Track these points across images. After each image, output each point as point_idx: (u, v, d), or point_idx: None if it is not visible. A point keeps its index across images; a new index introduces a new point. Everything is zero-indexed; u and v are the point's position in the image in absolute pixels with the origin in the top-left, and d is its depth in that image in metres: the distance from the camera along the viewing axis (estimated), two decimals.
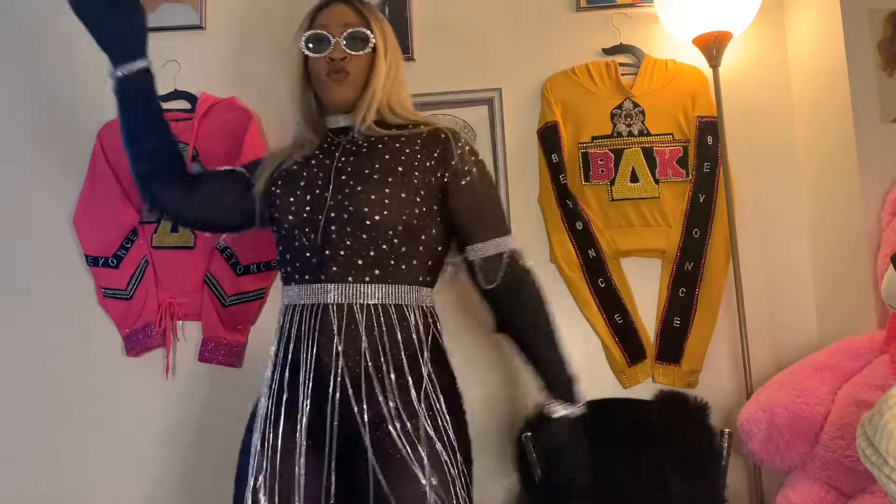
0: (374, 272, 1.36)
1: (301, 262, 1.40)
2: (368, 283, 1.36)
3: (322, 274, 1.36)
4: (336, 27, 1.45)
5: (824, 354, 1.73)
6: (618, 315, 1.98)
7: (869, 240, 1.76)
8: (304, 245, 1.40)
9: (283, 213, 1.42)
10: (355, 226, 1.36)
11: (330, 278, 1.36)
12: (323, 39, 1.45)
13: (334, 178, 1.41)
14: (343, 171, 1.42)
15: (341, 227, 1.37)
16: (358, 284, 1.35)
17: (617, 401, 1.95)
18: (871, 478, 1.48)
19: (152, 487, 1.98)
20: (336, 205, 1.38)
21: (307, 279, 1.38)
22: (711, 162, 1.97)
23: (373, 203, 1.36)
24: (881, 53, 1.80)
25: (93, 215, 2.00)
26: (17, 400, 2.00)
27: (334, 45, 1.44)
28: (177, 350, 2.02)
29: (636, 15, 2.07)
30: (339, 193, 1.39)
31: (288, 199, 1.42)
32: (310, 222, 1.40)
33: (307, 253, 1.39)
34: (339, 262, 1.36)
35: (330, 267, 1.36)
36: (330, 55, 1.44)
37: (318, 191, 1.41)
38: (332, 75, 1.45)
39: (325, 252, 1.37)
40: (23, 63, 2.09)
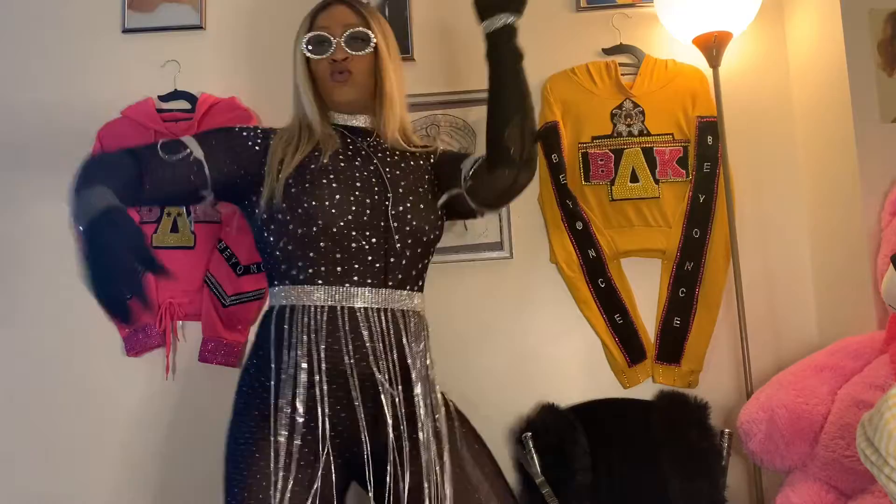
0: (419, 282, 1.46)
1: (359, 265, 1.38)
2: (415, 290, 1.44)
3: (389, 280, 1.39)
4: (336, 28, 1.45)
5: (824, 354, 1.73)
6: (618, 315, 1.98)
7: (869, 240, 1.76)
8: (364, 248, 1.39)
9: (340, 211, 1.37)
10: (414, 240, 1.42)
11: (395, 285, 1.40)
12: (323, 41, 1.45)
13: (392, 188, 1.43)
14: (397, 182, 1.44)
15: (404, 237, 1.41)
16: (412, 293, 1.43)
17: (617, 401, 1.95)
18: (871, 478, 1.48)
19: (152, 486, 1.97)
20: (398, 216, 1.41)
21: (368, 283, 1.38)
22: (711, 162, 1.97)
23: (430, 222, 1.44)
24: (881, 53, 1.80)
25: None
26: (16, 400, 2.00)
27: (335, 46, 1.44)
28: (177, 350, 2.02)
29: (636, 15, 2.07)
30: (401, 205, 1.42)
31: (345, 198, 1.38)
32: (369, 226, 1.39)
33: (368, 256, 1.39)
34: (402, 269, 1.41)
35: (395, 273, 1.40)
36: (332, 56, 1.44)
37: (377, 197, 1.41)
38: (334, 76, 1.45)
39: (390, 259, 1.40)
40: (23, 63, 2.09)
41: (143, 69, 2.07)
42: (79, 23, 2.10)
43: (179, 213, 2.01)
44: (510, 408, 1.94)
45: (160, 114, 2.02)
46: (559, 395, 1.93)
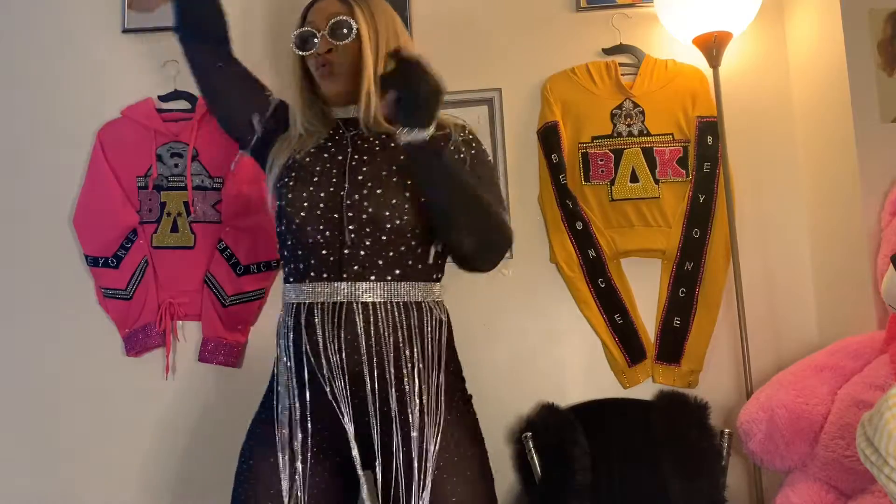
0: (395, 271, 1.37)
1: (317, 260, 1.37)
2: (390, 281, 1.36)
3: (343, 272, 1.35)
4: (321, 21, 1.43)
5: (824, 354, 1.73)
6: (618, 315, 1.98)
7: (869, 240, 1.76)
8: (320, 242, 1.37)
9: (295, 208, 1.39)
10: (374, 227, 1.36)
11: (352, 277, 1.35)
12: (309, 37, 1.43)
13: (349, 176, 1.39)
14: (358, 169, 1.40)
15: (360, 227, 1.36)
16: (381, 283, 1.35)
17: (617, 401, 1.95)
18: (871, 478, 1.48)
19: (152, 487, 1.97)
20: (354, 205, 1.36)
21: (325, 277, 1.36)
22: (711, 162, 1.97)
23: (392, 207, 1.36)
24: (881, 53, 1.80)
25: (93, 215, 2.00)
26: (17, 400, 2.00)
27: (320, 40, 1.42)
28: (177, 350, 2.02)
29: (636, 15, 2.07)
30: (357, 193, 1.37)
31: (300, 194, 1.39)
32: (324, 220, 1.37)
33: (324, 251, 1.37)
34: (360, 261, 1.35)
35: (351, 265, 1.36)
36: (317, 51, 1.43)
37: (333, 188, 1.39)
38: (318, 70, 1.44)
39: (344, 251, 1.36)
40: (22, 62, 2.09)
41: (143, 69, 2.07)
42: (79, 23, 2.10)
43: (179, 213, 2.01)
44: (510, 408, 1.94)
45: (160, 114, 2.02)
46: (559, 395, 1.93)
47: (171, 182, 2.01)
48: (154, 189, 2.01)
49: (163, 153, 2.02)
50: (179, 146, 2.01)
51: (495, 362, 2.00)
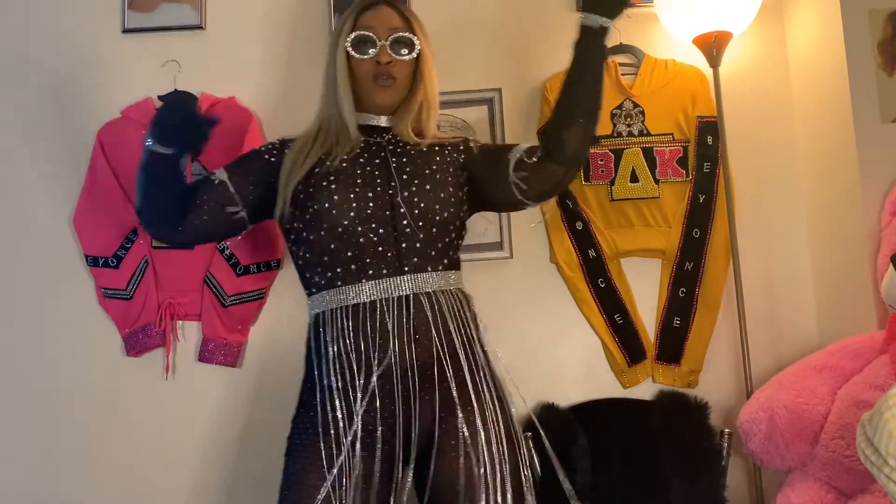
0: (444, 261, 1.44)
1: (372, 258, 1.39)
2: (441, 270, 1.43)
3: (405, 266, 1.40)
4: (382, 30, 1.46)
5: (824, 354, 1.73)
6: (618, 315, 1.98)
7: (869, 240, 1.76)
8: (373, 240, 1.40)
9: (340, 210, 1.39)
10: (425, 221, 1.42)
11: (413, 269, 1.40)
12: (368, 41, 1.46)
13: (397, 175, 1.44)
14: (402, 170, 1.45)
15: (414, 220, 1.41)
16: (436, 273, 1.42)
17: (617, 401, 1.95)
18: (871, 478, 1.48)
19: (152, 487, 1.97)
20: (405, 200, 1.42)
21: (385, 273, 1.39)
22: (711, 162, 1.97)
23: (441, 200, 1.44)
24: (881, 53, 1.80)
25: (93, 215, 2.00)
26: (17, 400, 2.00)
27: (380, 49, 1.45)
28: (177, 350, 2.02)
29: (636, 15, 2.06)
30: (406, 190, 1.43)
31: (346, 196, 1.41)
32: (375, 218, 1.41)
33: (379, 248, 1.40)
34: (418, 252, 1.41)
35: (411, 258, 1.41)
36: (376, 58, 1.45)
37: (380, 188, 1.43)
38: (378, 80, 1.46)
39: (401, 245, 1.41)
40: (22, 63, 2.09)
41: (143, 69, 2.07)
42: (79, 23, 2.10)
43: None
44: None
45: None
46: (559, 395, 1.93)
47: None
48: None
49: None
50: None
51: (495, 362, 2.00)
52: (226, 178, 1.49)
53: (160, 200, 1.46)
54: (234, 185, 1.48)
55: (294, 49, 2.06)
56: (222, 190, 1.48)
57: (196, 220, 1.47)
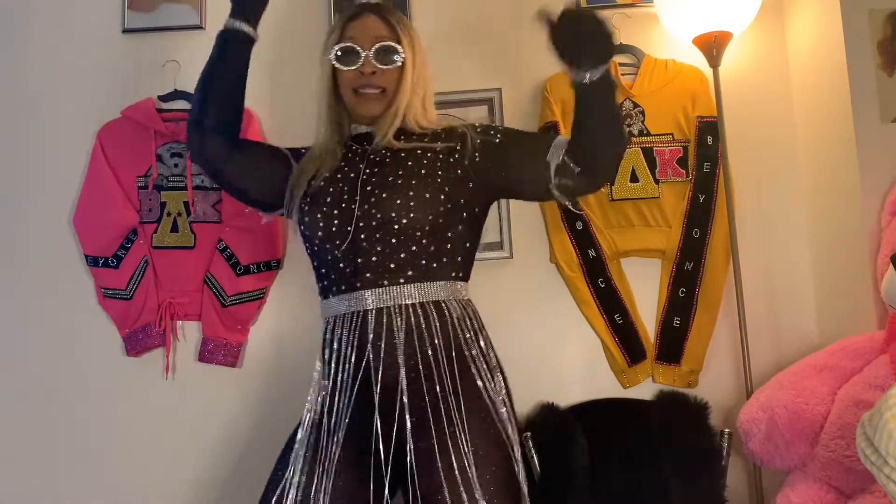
0: (408, 273, 1.39)
1: (336, 274, 1.42)
2: (403, 283, 1.39)
3: (358, 281, 1.39)
4: (366, 40, 1.46)
5: (824, 354, 1.73)
6: (618, 315, 1.98)
7: (869, 240, 1.76)
8: (337, 256, 1.42)
9: (313, 230, 1.44)
10: (384, 231, 1.39)
11: (365, 284, 1.39)
12: (352, 52, 1.46)
13: (361, 189, 1.43)
14: (368, 182, 1.44)
15: (371, 233, 1.40)
16: (393, 286, 1.38)
17: (617, 401, 1.95)
18: (871, 478, 1.48)
19: (152, 487, 1.97)
20: (364, 214, 1.41)
21: (344, 289, 1.41)
22: (711, 162, 1.97)
23: (398, 207, 1.39)
24: (881, 53, 1.80)
25: (93, 215, 2.00)
26: (17, 400, 2.00)
27: (364, 60, 1.45)
28: (177, 350, 2.02)
29: (636, 15, 2.07)
30: (366, 203, 1.41)
31: (315, 216, 1.44)
32: (339, 234, 1.41)
33: (341, 264, 1.41)
34: (372, 267, 1.39)
35: (364, 274, 1.39)
36: (360, 69, 1.45)
37: (345, 204, 1.43)
38: (361, 91, 1.46)
39: (357, 260, 1.40)
40: (23, 63, 2.09)
41: (143, 69, 2.07)
42: (79, 23, 2.10)
43: (179, 213, 2.01)
44: None
45: (160, 114, 2.02)
46: (559, 395, 1.93)
47: (171, 182, 2.01)
48: (154, 189, 2.01)
49: (163, 153, 2.02)
50: (179, 146, 2.01)
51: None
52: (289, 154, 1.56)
53: (230, 98, 1.53)
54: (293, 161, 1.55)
55: (294, 49, 2.06)
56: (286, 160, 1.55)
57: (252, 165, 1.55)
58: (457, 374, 1.37)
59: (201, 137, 1.52)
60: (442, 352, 1.37)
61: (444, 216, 1.42)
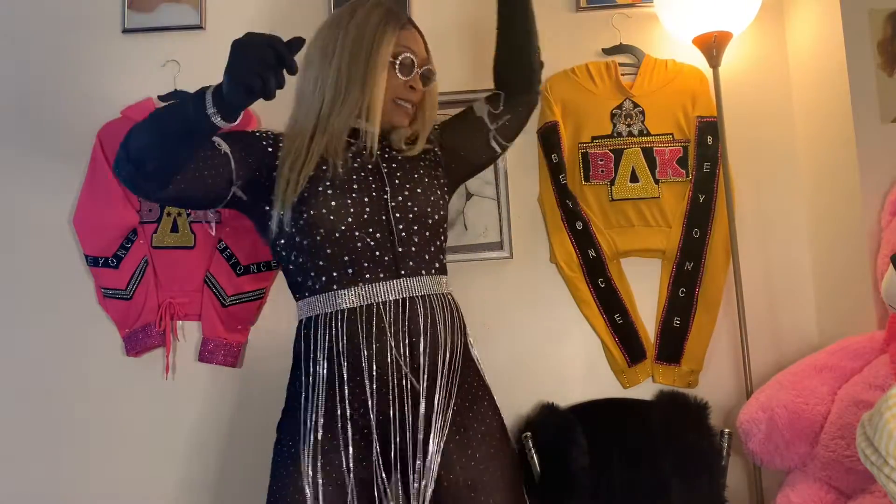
0: (436, 265, 1.47)
1: (369, 262, 1.39)
2: (434, 274, 1.45)
3: (402, 269, 1.41)
4: (419, 57, 1.50)
5: (824, 354, 1.73)
6: (618, 315, 1.98)
7: (869, 240, 1.76)
8: (370, 245, 1.40)
9: (338, 216, 1.38)
10: (420, 225, 1.44)
11: (409, 273, 1.41)
12: (410, 66, 1.48)
13: (389, 180, 1.46)
14: (394, 175, 1.47)
15: (408, 225, 1.43)
16: (430, 277, 1.44)
17: (617, 401, 1.95)
18: (871, 478, 1.48)
19: (152, 487, 1.97)
20: (399, 206, 1.44)
21: (382, 277, 1.39)
22: (711, 162, 1.97)
23: (432, 203, 1.47)
24: (881, 53, 1.80)
25: (93, 215, 2.00)
26: (17, 400, 2.00)
27: (414, 75, 1.48)
28: (177, 350, 2.02)
29: (636, 15, 2.07)
30: (399, 195, 1.44)
31: (343, 202, 1.40)
32: (372, 223, 1.41)
33: (377, 252, 1.40)
34: (413, 256, 1.43)
35: (406, 262, 1.42)
36: (411, 83, 1.48)
37: (375, 193, 1.44)
38: (403, 103, 1.49)
39: (397, 249, 1.42)
40: (22, 62, 2.09)
41: (143, 69, 2.07)
42: (79, 23, 2.10)
43: (179, 213, 2.01)
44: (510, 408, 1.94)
45: None
46: (559, 395, 1.93)
47: None
48: None
49: None
50: None
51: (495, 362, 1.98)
52: (228, 150, 1.37)
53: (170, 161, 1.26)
54: (235, 162, 1.37)
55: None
56: (224, 161, 1.36)
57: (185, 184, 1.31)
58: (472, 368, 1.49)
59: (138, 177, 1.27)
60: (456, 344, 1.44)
61: (447, 215, 1.53)
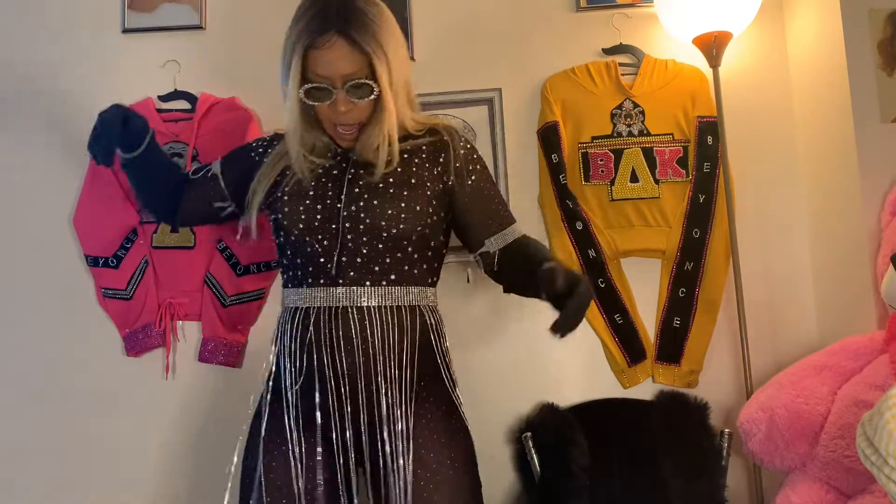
0: (391, 276, 1.41)
1: (314, 267, 1.42)
2: (385, 286, 1.40)
3: (340, 278, 1.40)
4: (336, 79, 1.34)
5: (824, 354, 1.73)
6: (618, 315, 1.98)
7: (869, 240, 1.76)
8: (318, 251, 1.41)
9: (293, 221, 1.43)
10: (371, 236, 1.40)
11: (349, 283, 1.39)
12: (323, 90, 1.36)
13: (347, 189, 1.42)
14: (355, 182, 1.43)
15: (357, 236, 1.40)
16: (375, 288, 1.40)
17: (617, 401, 1.95)
18: (871, 478, 1.48)
19: (152, 487, 1.98)
20: (351, 216, 1.40)
21: (322, 283, 1.41)
22: (711, 162, 1.97)
23: (389, 217, 1.39)
24: (881, 53, 1.80)
25: (93, 215, 2.00)
26: (17, 400, 2.00)
27: (335, 98, 1.35)
28: (177, 350, 2.02)
29: (636, 15, 2.07)
30: (353, 204, 1.41)
31: (297, 208, 1.43)
32: (322, 230, 1.41)
33: (321, 259, 1.41)
34: (357, 267, 1.40)
35: (347, 272, 1.40)
36: (332, 108, 1.37)
37: (330, 201, 1.42)
38: (339, 128, 1.41)
39: (341, 259, 1.40)
40: (22, 62, 2.09)
41: (143, 69, 2.07)
42: (79, 23, 2.10)
43: None
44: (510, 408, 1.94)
45: (160, 114, 2.02)
46: (559, 395, 1.92)
47: None
48: None
49: None
50: (179, 146, 2.01)
51: (495, 362, 2.00)
52: (219, 171, 1.58)
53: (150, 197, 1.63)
54: (225, 180, 1.57)
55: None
56: (213, 184, 1.57)
57: (187, 214, 1.62)
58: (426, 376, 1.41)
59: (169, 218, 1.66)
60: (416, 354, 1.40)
61: (430, 227, 1.44)
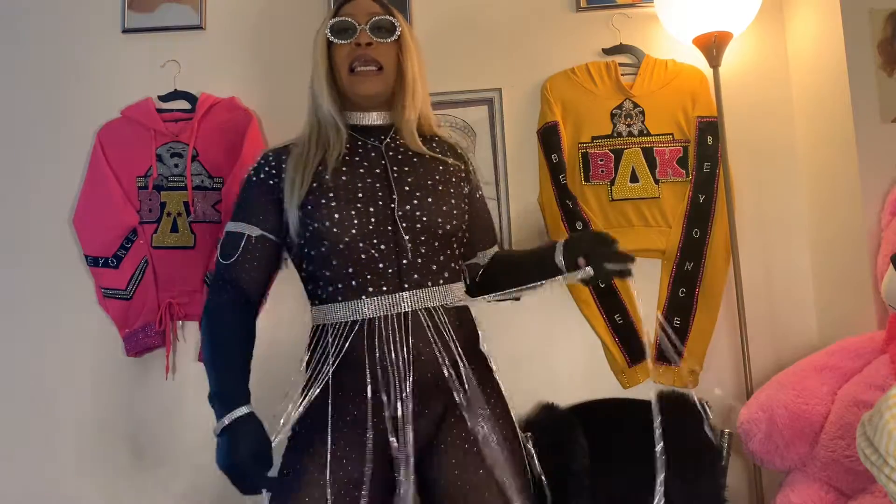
0: (444, 275, 1.41)
1: (373, 274, 1.36)
2: (443, 284, 1.40)
3: (405, 283, 1.36)
4: (361, 15, 1.43)
5: (824, 354, 1.73)
6: (618, 315, 1.98)
7: (869, 240, 1.76)
8: (374, 257, 1.36)
9: (344, 228, 1.35)
10: (428, 235, 1.39)
11: (414, 286, 1.37)
12: (348, 28, 1.42)
13: (397, 188, 1.40)
14: (403, 181, 1.41)
15: (414, 236, 1.38)
16: (436, 288, 1.39)
17: (617, 401, 1.95)
18: (871, 478, 1.48)
19: (151, 487, 1.97)
20: (406, 215, 1.38)
21: (385, 290, 1.35)
22: (711, 162, 1.97)
23: (444, 214, 1.40)
24: (881, 53, 1.80)
25: (93, 215, 2.00)
26: (16, 400, 2.00)
27: (359, 32, 1.41)
28: (177, 350, 2.02)
29: (636, 15, 2.07)
30: (407, 204, 1.39)
31: (347, 213, 1.36)
32: (377, 234, 1.36)
33: (380, 264, 1.36)
34: (418, 268, 1.38)
35: (411, 275, 1.37)
36: (355, 40, 1.40)
37: (382, 202, 1.38)
38: (357, 68, 1.40)
39: (402, 261, 1.38)
40: (23, 62, 2.09)
41: (142, 69, 2.07)
42: (79, 23, 2.10)
43: (179, 213, 2.01)
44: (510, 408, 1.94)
45: (160, 114, 2.02)
46: (559, 395, 1.92)
47: (171, 182, 2.01)
48: (154, 189, 2.01)
49: (163, 153, 2.02)
50: (179, 146, 2.01)
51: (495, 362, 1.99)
52: (258, 231, 1.42)
53: None
54: (268, 227, 1.42)
55: (294, 49, 2.06)
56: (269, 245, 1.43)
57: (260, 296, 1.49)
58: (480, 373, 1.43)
59: None
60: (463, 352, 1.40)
61: (463, 226, 1.46)
